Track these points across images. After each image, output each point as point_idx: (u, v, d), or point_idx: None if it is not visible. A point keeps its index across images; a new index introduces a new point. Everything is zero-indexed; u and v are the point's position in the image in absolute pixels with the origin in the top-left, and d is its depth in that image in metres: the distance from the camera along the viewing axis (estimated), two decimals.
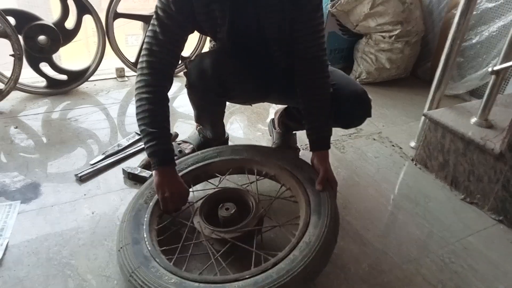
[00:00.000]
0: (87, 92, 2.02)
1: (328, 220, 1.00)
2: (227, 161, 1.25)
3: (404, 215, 1.33)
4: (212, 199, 1.13)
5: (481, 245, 1.22)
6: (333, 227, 1.00)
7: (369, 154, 1.66)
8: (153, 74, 1.08)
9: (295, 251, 0.93)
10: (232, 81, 1.21)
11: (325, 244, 0.95)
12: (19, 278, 0.99)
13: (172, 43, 1.09)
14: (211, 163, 1.24)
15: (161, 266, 0.91)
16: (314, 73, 1.15)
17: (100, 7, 2.04)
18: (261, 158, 1.24)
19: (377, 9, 2.15)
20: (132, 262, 0.92)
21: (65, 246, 1.09)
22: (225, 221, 1.07)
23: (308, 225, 0.99)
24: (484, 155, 1.35)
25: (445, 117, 1.50)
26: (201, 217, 1.06)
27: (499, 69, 1.37)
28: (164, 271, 0.90)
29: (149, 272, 0.90)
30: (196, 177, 1.23)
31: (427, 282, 1.07)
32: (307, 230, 0.98)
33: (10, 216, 1.17)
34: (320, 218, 1.00)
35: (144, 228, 1.03)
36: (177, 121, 1.82)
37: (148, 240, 0.99)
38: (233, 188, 1.17)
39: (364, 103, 1.21)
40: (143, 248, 0.97)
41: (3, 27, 1.65)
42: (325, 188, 1.10)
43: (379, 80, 2.36)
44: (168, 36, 1.07)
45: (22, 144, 1.55)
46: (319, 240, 0.94)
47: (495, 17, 2.03)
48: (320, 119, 1.17)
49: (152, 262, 0.93)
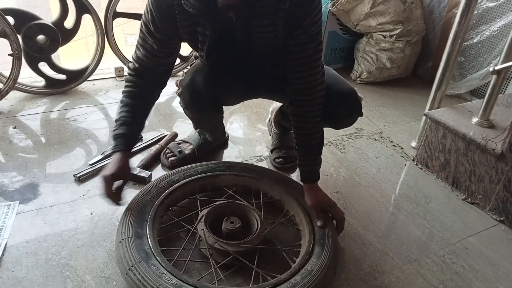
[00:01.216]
0: (86, 92, 2.01)
1: (331, 254, 1.01)
2: (236, 176, 1.26)
3: (405, 215, 1.32)
4: (218, 210, 1.13)
5: (482, 245, 1.21)
6: (334, 261, 1.02)
7: (370, 154, 1.65)
8: (142, 78, 1.14)
9: (297, 276, 0.94)
10: (225, 94, 1.24)
11: (326, 275, 0.96)
12: (18, 278, 0.98)
13: (159, 52, 1.08)
14: (220, 175, 1.25)
15: (161, 265, 0.91)
16: (305, 106, 1.11)
17: (100, 7, 2.04)
18: (269, 181, 1.25)
19: (377, 9, 2.14)
20: (132, 256, 0.92)
21: (64, 246, 1.08)
22: (228, 234, 1.07)
23: (311, 254, 1.01)
24: (485, 155, 1.34)
25: (446, 117, 1.49)
26: (206, 226, 1.06)
27: (500, 68, 1.36)
28: (165, 271, 0.90)
29: (150, 269, 0.89)
30: (202, 186, 1.24)
31: (427, 283, 1.07)
32: (310, 259, 0.99)
33: (9, 216, 1.17)
34: (323, 250, 1.02)
35: (148, 224, 1.02)
36: (177, 121, 1.81)
37: (151, 237, 0.99)
38: (240, 203, 1.17)
39: (352, 102, 1.19)
40: (144, 244, 0.96)
41: (2, 26, 1.65)
42: (326, 223, 1.11)
43: (379, 79, 2.36)
44: (155, 45, 1.07)
45: (20, 144, 1.54)
46: (321, 270, 0.95)
47: (496, 16, 2.02)
48: (310, 153, 1.15)
49: (153, 259, 0.92)
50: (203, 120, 1.41)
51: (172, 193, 1.16)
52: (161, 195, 1.13)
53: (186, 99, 1.25)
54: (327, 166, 1.55)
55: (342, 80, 1.23)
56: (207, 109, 1.28)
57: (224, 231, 1.08)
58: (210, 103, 1.25)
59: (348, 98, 1.18)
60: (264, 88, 1.31)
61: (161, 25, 1.02)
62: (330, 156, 1.62)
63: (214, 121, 1.43)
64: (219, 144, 1.60)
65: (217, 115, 1.39)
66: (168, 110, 1.89)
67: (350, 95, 1.18)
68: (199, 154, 1.48)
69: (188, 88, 1.21)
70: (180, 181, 1.20)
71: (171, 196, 1.15)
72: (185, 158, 1.44)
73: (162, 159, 1.46)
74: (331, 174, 1.51)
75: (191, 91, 1.21)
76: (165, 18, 1.01)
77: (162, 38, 1.05)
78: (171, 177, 1.21)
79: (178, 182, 1.19)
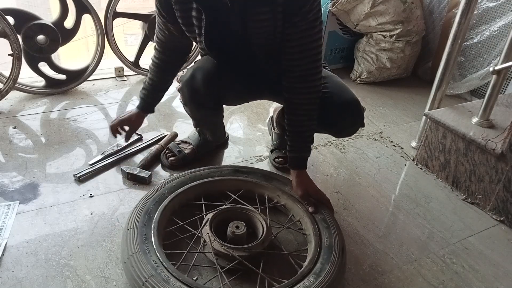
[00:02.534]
0: (86, 92, 2.01)
1: (339, 260, 1.00)
2: (241, 181, 1.26)
3: (405, 215, 1.32)
4: (223, 215, 1.12)
5: (482, 245, 1.21)
6: (342, 266, 1.01)
7: (370, 154, 1.65)
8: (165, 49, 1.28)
9: (305, 281, 0.93)
10: (225, 92, 1.25)
11: (336, 280, 0.95)
12: (18, 278, 0.98)
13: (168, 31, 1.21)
14: (225, 180, 1.25)
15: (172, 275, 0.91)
16: (299, 93, 1.10)
17: (100, 7, 2.03)
18: (274, 186, 1.24)
19: (377, 9, 2.14)
20: (144, 270, 0.90)
21: (64, 246, 1.08)
22: (233, 239, 1.05)
23: (318, 260, 1.00)
24: (485, 155, 1.34)
25: (446, 117, 1.49)
26: (211, 230, 1.05)
27: (500, 68, 1.36)
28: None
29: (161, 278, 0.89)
30: (206, 191, 1.22)
31: (427, 283, 1.07)
32: (317, 263, 0.99)
33: (9, 216, 1.17)
34: (331, 255, 1.00)
35: (153, 232, 1.02)
36: (177, 121, 1.81)
37: (158, 249, 0.97)
38: (246, 208, 1.15)
39: (355, 113, 1.19)
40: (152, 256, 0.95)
41: (2, 26, 1.65)
42: (317, 209, 1.13)
43: (379, 79, 2.36)
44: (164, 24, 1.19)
45: (20, 144, 1.54)
46: (330, 275, 0.94)
47: (496, 16, 2.02)
48: (299, 139, 1.15)
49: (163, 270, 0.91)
50: (202, 118, 1.41)
51: (177, 197, 1.15)
52: (164, 200, 1.12)
53: (186, 95, 1.25)
54: (327, 166, 1.55)
55: (347, 89, 1.21)
56: (206, 107, 1.28)
57: (229, 235, 1.06)
58: (209, 100, 1.25)
59: (352, 108, 1.18)
60: (267, 89, 1.31)
61: (162, 9, 1.11)
62: (330, 156, 1.62)
63: (213, 120, 1.42)
64: (219, 144, 1.60)
65: (217, 114, 1.39)
66: (168, 110, 1.89)
67: (354, 105, 1.17)
68: (199, 154, 1.48)
69: (188, 84, 1.21)
70: (185, 185, 1.20)
71: (175, 200, 1.14)
72: (184, 158, 1.44)
73: (162, 159, 1.46)
74: (331, 174, 1.51)
75: (190, 87, 1.21)
76: (163, 2, 1.09)
77: (167, 20, 1.14)
78: (175, 181, 1.21)
79: (182, 187, 1.19)
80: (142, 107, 1.36)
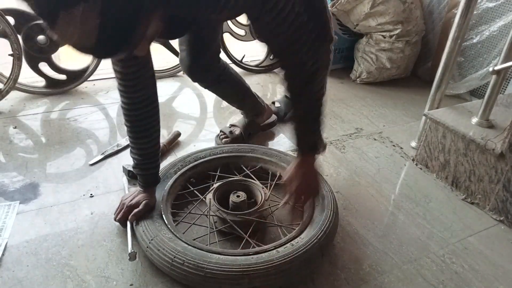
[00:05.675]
0: (87, 92, 2.01)
1: (322, 235, 1.06)
2: (256, 158, 1.40)
3: (405, 215, 1.33)
4: (229, 185, 1.25)
5: (482, 245, 1.21)
6: (324, 242, 1.06)
7: (370, 154, 1.66)
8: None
9: (280, 248, 1.02)
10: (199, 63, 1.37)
11: (309, 253, 1.01)
12: (18, 278, 0.98)
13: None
14: (243, 156, 1.40)
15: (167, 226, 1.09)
16: (295, 77, 0.97)
17: None
18: (286, 165, 1.30)
19: (377, 9, 2.14)
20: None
21: (64, 246, 1.09)
22: (233, 206, 1.17)
23: (301, 232, 1.09)
24: (485, 155, 1.34)
25: (446, 117, 1.49)
26: (214, 196, 1.18)
27: (500, 68, 1.36)
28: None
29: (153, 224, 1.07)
30: (225, 164, 1.38)
31: (427, 283, 1.07)
32: (299, 236, 1.07)
33: (9, 216, 1.17)
34: (315, 230, 1.07)
35: (165, 191, 1.20)
36: (177, 121, 1.81)
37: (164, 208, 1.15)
38: (251, 181, 1.27)
39: None
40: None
41: (2, 26, 1.65)
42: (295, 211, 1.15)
43: (379, 79, 2.36)
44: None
45: (21, 144, 1.54)
46: (304, 247, 1.01)
47: (496, 16, 2.02)
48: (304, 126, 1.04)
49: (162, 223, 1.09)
50: (215, 92, 1.56)
51: (195, 167, 1.33)
52: (184, 168, 1.30)
53: (186, 74, 1.41)
54: (326, 166, 1.55)
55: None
56: (201, 79, 1.43)
57: (230, 203, 1.18)
58: (197, 71, 1.38)
59: None
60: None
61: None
62: (329, 156, 1.62)
63: (225, 91, 1.56)
64: (265, 125, 1.72)
65: (218, 83, 1.47)
66: (168, 110, 1.89)
67: None
68: (246, 135, 1.63)
69: (182, 64, 1.39)
70: (205, 157, 1.37)
71: (193, 169, 1.32)
72: (234, 138, 1.60)
73: (216, 140, 1.64)
74: (331, 174, 1.51)
75: (183, 66, 1.38)
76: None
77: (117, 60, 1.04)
78: (198, 154, 1.38)
79: (202, 159, 1.36)
80: (148, 184, 1.16)
